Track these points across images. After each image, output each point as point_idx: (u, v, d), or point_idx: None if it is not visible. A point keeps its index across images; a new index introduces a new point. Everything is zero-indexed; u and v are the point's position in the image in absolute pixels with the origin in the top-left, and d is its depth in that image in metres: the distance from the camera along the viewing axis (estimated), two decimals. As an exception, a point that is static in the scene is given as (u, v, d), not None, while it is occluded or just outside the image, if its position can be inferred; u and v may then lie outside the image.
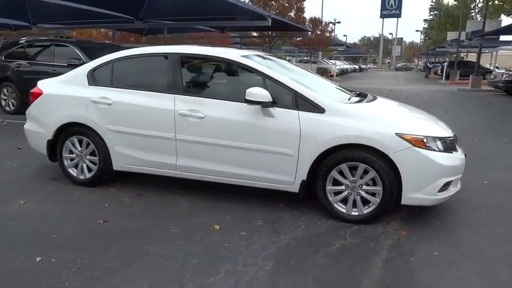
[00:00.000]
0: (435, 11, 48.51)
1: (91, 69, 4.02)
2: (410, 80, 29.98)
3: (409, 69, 63.77)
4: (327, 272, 2.59)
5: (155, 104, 3.67)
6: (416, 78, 33.00)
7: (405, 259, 2.76)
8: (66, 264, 2.62)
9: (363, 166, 3.17)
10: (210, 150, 3.53)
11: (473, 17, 39.67)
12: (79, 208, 3.57)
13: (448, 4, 44.51)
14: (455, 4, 41.34)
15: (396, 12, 69.50)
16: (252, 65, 3.53)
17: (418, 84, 25.33)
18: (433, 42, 42.65)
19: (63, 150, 4.08)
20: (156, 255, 2.75)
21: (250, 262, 2.68)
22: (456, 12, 39.62)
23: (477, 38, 20.19)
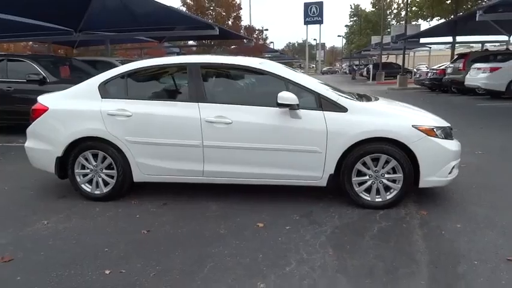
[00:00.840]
0: (355, 17, 52.17)
1: (102, 82, 3.97)
2: (341, 82, 31.73)
3: (334, 72, 67.74)
4: (381, 251, 2.90)
5: (179, 113, 3.75)
6: (344, 80, 35.09)
7: (438, 233, 3.17)
8: (140, 273, 2.65)
9: (384, 157, 3.56)
10: (238, 154, 3.69)
11: (390, 22, 43.35)
12: (112, 221, 3.52)
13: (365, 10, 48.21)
14: (372, 11, 44.98)
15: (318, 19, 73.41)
16: (274, 71, 3.77)
17: (349, 85, 26.86)
18: (357, 46, 45.91)
19: (75, 166, 3.97)
20: (222, 255, 2.87)
21: (312, 250, 2.91)
22: (374, 18, 43.15)
23: (401, 41, 22.24)
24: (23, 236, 3.25)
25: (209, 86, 3.88)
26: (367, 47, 36.45)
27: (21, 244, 3.10)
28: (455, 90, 15.78)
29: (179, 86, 3.99)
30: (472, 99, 13.01)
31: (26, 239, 3.20)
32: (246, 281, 2.54)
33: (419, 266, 2.67)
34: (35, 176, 4.82)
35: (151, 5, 12.40)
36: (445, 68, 16.28)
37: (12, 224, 3.48)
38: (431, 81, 17.36)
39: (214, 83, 4.07)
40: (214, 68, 4.04)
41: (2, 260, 2.84)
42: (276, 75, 3.76)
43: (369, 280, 2.52)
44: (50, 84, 7.62)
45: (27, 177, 4.84)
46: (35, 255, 2.93)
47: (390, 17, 43.41)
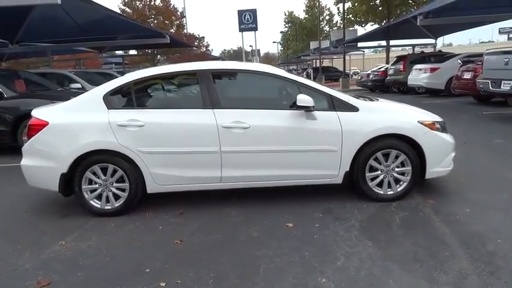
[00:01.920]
0: (289, 24, 53.91)
1: (106, 93, 3.81)
2: (284, 87, 32.72)
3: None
4: (414, 238, 3.12)
5: (194, 120, 3.72)
6: (286, 85, 36.08)
7: (453, 218, 3.47)
8: (197, 281, 2.62)
9: (394, 152, 3.82)
10: (256, 157, 3.75)
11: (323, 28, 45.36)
12: (136, 235, 3.40)
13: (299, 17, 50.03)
14: (306, 17, 46.83)
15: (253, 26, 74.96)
16: (285, 75, 3.89)
17: None
18: (294, 52, 47.46)
19: (82, 182, 3.76)
20: (269, 256, 2.91)
21: (351, 244, 3.06)
22: (308, 24, 44.97)
23: (341, 45, 23.43)
24: (47, 259, 3.04)
25: (222, 92, 3.89)
26: (305, 52, 37.89)
27: (49, 267, 2.90)
28: (396, 90, 16.99)
29: (190, 93, 3.96)
30: (415, 98, 14.09)
31: (52, 261, 3.00)
32: (307, 278, 2.61)
33: (454, 248, 2.92)
34: (23, 196, 4.50)
35: (98, 12, 11.88)
36: (386, 70, 17.46)
37: (27, 248, 3.23)
38: (374, 83, 18.51)
39: (227, 88, 4.08)
40: (226, 74, 4.05)
41: (39, 285, 2.65)
42: (288, 79, 3.88)
43: (418, 265, 2.71)
44: (8, 99, 7.08)
45: (15, 198, 4.50)
46: (72, 276, 2.77)
47: (323, 23, 45.47)
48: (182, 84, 4.07)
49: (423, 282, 2.51)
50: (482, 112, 9.54)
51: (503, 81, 7.81)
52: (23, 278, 2.77)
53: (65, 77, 10.93)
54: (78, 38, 14.30)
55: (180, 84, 4.08)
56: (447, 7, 11.46)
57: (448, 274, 2.58)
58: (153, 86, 4.02)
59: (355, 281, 2.55)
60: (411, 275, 2.59)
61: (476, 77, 10.20)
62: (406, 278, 2.56)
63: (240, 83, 4.22)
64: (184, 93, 4.06)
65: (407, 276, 2.58)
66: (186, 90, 4.04)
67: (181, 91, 4.08)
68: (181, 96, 4.06)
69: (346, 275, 2.62)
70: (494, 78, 8.07)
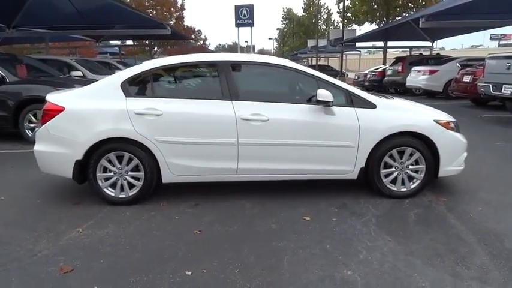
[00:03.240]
0: (287, 21, 53.89)
1: (124, 80, 3.77)
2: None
3: (266, 74, 69.09)
4: (432, 234, 3.16)
5: (213, 111, 3.71)
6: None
7: (468, 216, 3.51)
8: (223, 271, 2.62)
9: (409, 149, 3.85)
10: (273, 150, 3.75)
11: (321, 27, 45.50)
12: (154, 224, 3.38)
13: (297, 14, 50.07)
14: (304, 15, 46.89)
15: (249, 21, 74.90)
16: (305, 69, 3.90)
17: None
18: (290, 49, 47.54)
19: (96, 170, 3.73)
20: (291, 248, 2.92)
21: (371, 238, 3.09)
22: (306, 21, 45.06)
23: (339, 44, 23.51)
24: (66, 246, 3.01)
25: (241, 84, 3.88)
26: (302, 50, 37.94)
27: (69, 253, 2.88)
28: (393, 91, 17.10)
29: (209, 83, 3.94)
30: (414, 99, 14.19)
31: (71, 248, 2.97)
32: (332, 270, 2.63)
33: (472, 245, 2.96)
34: (30, 183, 4.46)
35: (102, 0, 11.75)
36: (384, 71, 17.57)
37: (43, 235, 3.19)
38: (371, 83, 18.61)
39: (245, 80, 4.06)
40: (245, 66, 4.03)
41: (62, 271, 2.62)
42: (307, 73, 3.88)
43: (439, 260, 2.75)
44: (10, 84, 6.97)
45: (23, 185, 4.44)
46: (95, 263, 2.74)
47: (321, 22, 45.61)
48: (201, 74, 4.04)
49: (447, 276, 2.54)
50: (481, 115, 9.66)
51: (505, 85, 7.92)
52: (44, 263, 2.74)
53: (65, 64, 10.78)
54: (77, 25, 14.10)
55: (199, 74, 4.06)
56: (449, 11, 11.56)
57: (470, 269, 2.62)
58: (172, 75, 3.99)
59: (380, 273, 2.58)
60: (434, 270, 2.62)
61: (475, 81, 10.34)
62: (430, 272, 2.60)
63: (259, 76, 4.21)
64: (202, 84, 4.04)
65: (431, 270, 2.62)
66: (204, 81, 4.02)
67: (200, 81, 4.06)
68: (199, 87, 4.04)
69: (370, 268, 2.64)
70: (496, 82, 8.17)
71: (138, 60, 18.84)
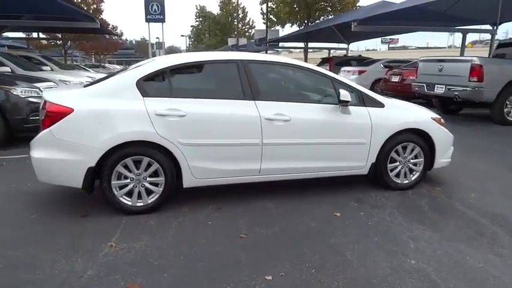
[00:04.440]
0: (201, 18, 53.33)
1: (139, 78, 3.50)
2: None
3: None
4: (453, 220, 3.49)
5: (237, 111, 3.63)
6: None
7: (467, 202, 3.94)
8: (299, 271, 2.62)
9: (412, 145, 4.19)
10: (295, 150, 3.80)
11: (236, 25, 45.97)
12: (191, 232, 3.21)
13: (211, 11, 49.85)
14: (220, 13, 46.88)
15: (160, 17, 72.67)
16: (320, 70, 4.00)
17: None
18: (207, 47, 47.12)
19: (111, 177, 3.41)
20: (345, 244, 3.01)
21: (406, 228, 3.31)
22: (222, 19, 45.15)
23: (264, 44, 24.05)
24: (110, 262, 2.72)
25: (261, 84, 3.83)
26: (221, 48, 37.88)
27: (121, 271, 2.61)
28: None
29: (229, 83, 3.82)
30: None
31: (119, 264, 2.70)
32: (397, 260, 2.78)
33: (490, 227, 3.35)
34: (14, 195, 3.91)
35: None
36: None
37: (71, 253, 2.84)
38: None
39: (264, 80, 4.01)
40: (263, 65, 3.98)
41: (131, 290, 2.38)
42: (322, 73, 3.99)
43: (476, 243, 3.07)
44: None
45: (6, 197, 3.87)
46: (160, 277, 2.54)
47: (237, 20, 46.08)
48: (220, 73, 3.90)
49: (492, 256, 2.86)
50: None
51: (437, 85, 8.92)
52: (103, 285, 2.45)
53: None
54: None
55: (219, 73, 3.91)
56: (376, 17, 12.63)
57: (506, 248, 2.98)
58: (190, 73, 3.79)
59: (440, 259, 2.80)
60: (479, 251, 2.93)
61: (404, 81, 11.48)
62: (476, 254, 2.89)
63: (277, 76, 4.20)
64: (223, 83, 3.90)
65: (477, 252, 2.91)
66: (225, 80, 3.88)
67: (220, 81, 3.91)
68: (220, 86, 3.90)
69: (427, 256, 2.85)
70: (429, 83, 9.17)
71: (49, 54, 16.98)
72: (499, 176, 4.83)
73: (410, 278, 2.56)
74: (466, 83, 8.12)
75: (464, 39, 14.47)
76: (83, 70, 15.35)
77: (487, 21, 13.72)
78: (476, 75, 7.98)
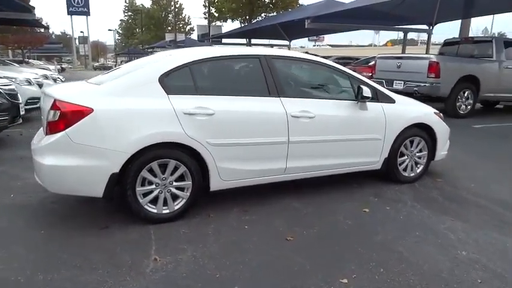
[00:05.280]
0: (130, 13, 50.96)
1: (162, 74, 3.21)
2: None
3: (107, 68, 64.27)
4: (469, 209, 3.66)
5: (265, 109, 3.48)
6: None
7: (472, 191, 4.17)
8: (370, 272, 2.58)
9: (418, 139, 4.35)
10: (319, 147, 3.75)
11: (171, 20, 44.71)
12: (234, 238, 3.01)
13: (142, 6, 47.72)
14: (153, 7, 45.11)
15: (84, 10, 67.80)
16: (338, 66, 3.98)
17: None
18: (140, 42, 45.19)
19: (136, 184, 3.09)
20: (392, 240, 3.03)
21: (438, 220, 3.41)
22: (156, 14, 43.52)
23: (207, 40, 23.60)
24: (165, 278, 2.46)
25: (285, 80, 3.71)
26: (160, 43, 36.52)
27: (183, 287, 2.36)
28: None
29: (253, 79, 3.63)
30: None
31: (177, 279, 2.45)
32: (449, 251, 2.85)
33: (505, 213, 3.58)
34: (14, 208, 3.40)
35: None
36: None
37: (115, 271, 2.52)
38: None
39: (288, 76, 3.87)
40: (286, 61, 3.84)
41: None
42: (340, 70, 3.97)
43: (505, 229, 3.25)
44: None
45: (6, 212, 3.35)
46: (233, 291, 2.34)
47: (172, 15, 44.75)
48: (244, 69, 3.69)
49: (526, 241, 3.05)
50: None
51: (396, 81, 9.41)
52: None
53: None
54: None
55: (242, 69, 3.70)
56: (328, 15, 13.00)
57: (532, 232, 3.20)
58: (213, 69, 3.53)
59: (485, 249, 2.92)
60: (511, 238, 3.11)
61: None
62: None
63: (299, 72, 4.08)
64: (247, 79, 3.69)
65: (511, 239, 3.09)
66: (249, 77, 3.67)
67: (244, 76, 3.70)
68: (244, 82, 3.68)
69: (473, 246, 2.96)
70: (388, 79, 9.64)
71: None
72: (480, 165, 5.21)
73: (473, 270, 2.63)
74: (425, 79, 8.65)
75: (405, 38, 15.45)
76: (15, 65, 13.85)
77: (425, 21, 14.76)
78: (434, 72, 8.54)
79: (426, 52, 14.50)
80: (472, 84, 9.03)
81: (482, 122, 8.72)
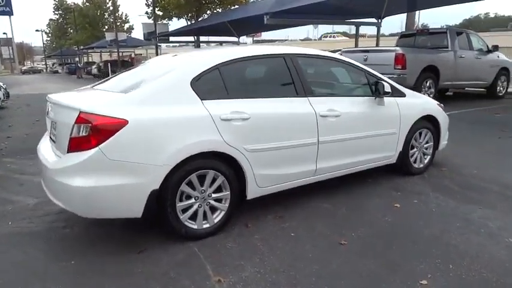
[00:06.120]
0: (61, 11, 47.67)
1: (194, 78, 2.96)
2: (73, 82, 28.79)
3: (38, 71, 59.87)
4: (488, 196, 3.80)
5: (296, 109, 3.36)
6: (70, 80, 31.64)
7: (479, 177, 4.34)
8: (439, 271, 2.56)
9: (426, 131, 4.45)
10: (344, 146, 3.69)
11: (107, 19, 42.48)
12: (288, 248, 2.86)
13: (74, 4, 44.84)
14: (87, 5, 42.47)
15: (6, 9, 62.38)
16: (355, 63, 3.94)
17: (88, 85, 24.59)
18: (76, 42, 42.41)
19: (176, 199, 2.83)
20: (440, 236, 3.03)
21: (469, 210, 3.47)
22: (91, 12, 41.04)
23: (153, 38, 22.69)
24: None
25: (310, 79, 3.59)
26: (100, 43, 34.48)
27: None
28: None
29: (281, 79, 3.46)
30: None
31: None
32: (498, 240, 2.92)
33: (520, 196, 3.79)
34: (20, 237, 2.98)
35: None
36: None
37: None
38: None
39: (312, 75, 3.73)
40: (310, 60, 3.70)
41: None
42: (359, 67, 3.94)
43: (532, 213, 3.43)
44: None
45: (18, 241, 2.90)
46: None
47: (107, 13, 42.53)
48: (271, 68, 3.50)
49: (556, 223, 3.22)
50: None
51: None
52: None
53: None
54: None
55: (269, 68, 3.51)
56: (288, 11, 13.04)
57: (556, 215, 3.39)
58: (240, 70, 3.31)
59: (528, 235, 3.04)
60: (543, 221, 3.27)
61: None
62: (545, 223, 3.22)
63: (321, 70, 3.96)
64: (274, 79, 3.50)
65: (543, 222, 3.25)
66: (276, 76, 3.49)
67: (272, 77, 3.51)
68: (272, 83, 3.49)
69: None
70: (354, 72, 9.86)
71: None
72: (469, 151, 5.49)
73: (532, 256, 2.71)
74: (392, 70, 8.96)
75: (357, 31, 15.96)
76: None
77: (374, 15, 15.33)
78: (400, 63, 8.88)
79: (376, 44, 15.09)
80: (433, 74, 9.51)
81: (447, 109, 9.19)
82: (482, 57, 10.65)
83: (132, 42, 31.68)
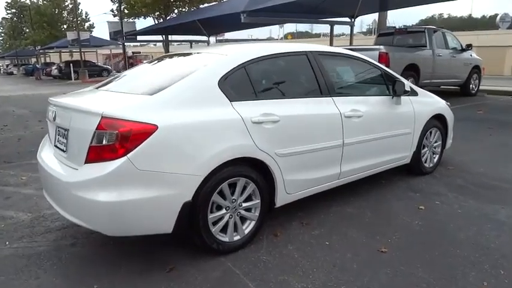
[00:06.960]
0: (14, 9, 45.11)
1: (221, 78, 2.71)
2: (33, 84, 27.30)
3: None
4: (500, 193, 3.82)
5: (323, 110, 3.19)
6: (29, 82, 29.99)
7: (486, 175, 4.34)
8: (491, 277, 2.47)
9: (435, 129, 4.41)
10: (367, 147, 3.56)
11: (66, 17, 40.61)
12: (328, 258, 2.68)
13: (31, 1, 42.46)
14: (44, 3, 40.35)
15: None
16: (375, 62, 3.83)
17: (51, 87, 22.41)
18: (33, 42, 40.16)
19: (208, 210, 2.59)
20: (475, 239, 2.97)
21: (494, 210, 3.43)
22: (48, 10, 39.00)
23: (120, 37, 21.82)
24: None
25: (333, 78, 3.43)
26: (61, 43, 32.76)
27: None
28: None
29: (305, 78, 3.26)
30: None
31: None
32: (533, 241, 2.89)
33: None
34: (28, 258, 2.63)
35: None
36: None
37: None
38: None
39: (334, 74, 3.55)
40: (331, 58, 3.52)
41: None
42: (376, 65, 3.83)
43: (553, 210, 3.43)
44: None
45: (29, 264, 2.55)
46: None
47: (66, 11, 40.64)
48: (295, 67, 3.28)
49: None
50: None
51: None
52: None
53: None
54: None
55: (293, 67, 3.28)
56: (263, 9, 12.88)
57: None
58: (265, 69, 3.08)
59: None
60: None
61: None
62: None
63: (342, 68, 3.78)
64: (299, 79, 3.29)
65: None
66: (300, 75, 3.28)
67: (296, 76, 3.29)
68: (298, 82, 3.28)
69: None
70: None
71: None
72: (469, 148, 5.54)
73: None
74: (376, 69, 8.98)
75: (332, 30, 16.05)
76: None
77: (347, 14, 15.46)
78: (384, 62, 8.91)
79: (350, 43, 15.24)
80: (414, 72, 9.65)
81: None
82: (457, 55, 10.95)
83: (96, 42, 30.40)
